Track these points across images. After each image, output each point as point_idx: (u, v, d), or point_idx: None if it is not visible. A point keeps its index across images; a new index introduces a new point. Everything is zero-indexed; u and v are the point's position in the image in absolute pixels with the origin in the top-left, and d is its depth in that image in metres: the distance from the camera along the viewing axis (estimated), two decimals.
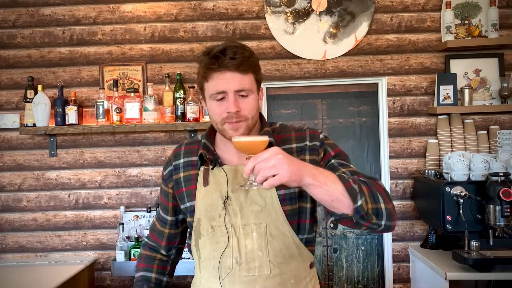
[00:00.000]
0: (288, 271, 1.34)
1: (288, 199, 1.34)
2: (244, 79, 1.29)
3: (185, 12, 3.03)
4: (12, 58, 3.06)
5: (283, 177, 1.08)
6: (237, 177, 1.35)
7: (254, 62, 1.32)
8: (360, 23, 2.98)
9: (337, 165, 1.35)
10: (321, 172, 1.17)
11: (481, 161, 2.55)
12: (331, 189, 1.14)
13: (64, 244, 3.06)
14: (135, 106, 2.86)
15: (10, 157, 3.06)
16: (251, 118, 1.32)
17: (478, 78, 2.98)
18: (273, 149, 1.11)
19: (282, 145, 1.38)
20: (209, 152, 1.40)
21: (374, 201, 1.19)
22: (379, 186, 1.26)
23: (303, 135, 1.42)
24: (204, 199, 1.36)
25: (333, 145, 1.43)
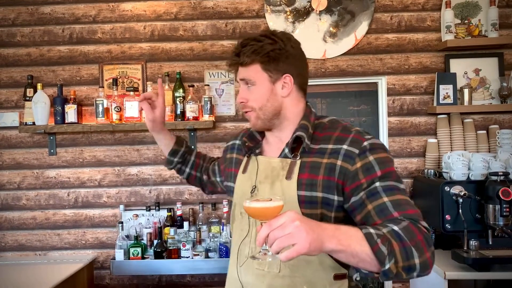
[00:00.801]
0: (302, 275, 1.28)
1: (307, 202, 1.27)
2: (247, 70, 1.33)
3: (185, 11, 3.03)
4: (11, 56, 3.05)
5: (302, 248, 0.97)
6: (267, 169, 1.35)
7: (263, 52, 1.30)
8: (360, 22, 2.97)
9: (382, 190, 1.19)
10: (344, 232, 1.06)
11: (480, 161, 2.55)
12: (355, 251, 1.04)
13: (63, 243, 3.06)
14: (134, 104, 2.86)
15: (9, 155, 3.06)
16: (258, 109, 1.33)
17: (478, 78, 2.98)
18: (289, 214, 1.00)
19: (319, 143, 1.31)
20: (252, 141, 1.44)
21: (407, 258, 1.07)
22: (418, 233, 1.11)
23: (344, 137, 1.28)
24: (240, 185, 1.41)
25: (383, 160, 1.23)
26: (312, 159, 1.29)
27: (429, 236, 1.14)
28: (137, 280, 3.02)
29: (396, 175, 1.24)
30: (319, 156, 1.29)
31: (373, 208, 1.18)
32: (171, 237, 2.78)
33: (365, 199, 1.20)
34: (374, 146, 1.25)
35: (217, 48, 3.02)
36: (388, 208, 1.17)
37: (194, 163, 1.79)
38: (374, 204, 1.19)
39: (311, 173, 1.28)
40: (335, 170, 1.25)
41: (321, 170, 1.27)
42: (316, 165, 1.28)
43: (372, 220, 1.18)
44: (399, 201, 1.18)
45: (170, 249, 2.76)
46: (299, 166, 1.29)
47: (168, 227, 2.83)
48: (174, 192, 3.04)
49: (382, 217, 1.17)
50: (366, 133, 1.30)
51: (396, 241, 1.07)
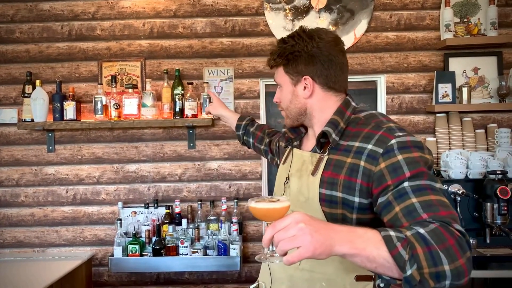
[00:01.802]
0: (321, 272, 1.26)
1: (328, 201, 1.24)
2: (276, 73, 1.41)
3: (184, 8, 3.02)
4: (10, 53, 3.05)
5: (305, 252, 0.91)
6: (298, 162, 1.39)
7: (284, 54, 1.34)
8: (359, 21, 2.97)
9: (410, 190, 1.10)
10: (359, 235, 0.98)
11: (478, 159, 2.56)
12: (372, 256, 0.96)
13: (61, 240, 3.06)
14: (133, 102, 2.86)
15: (8, 152, 3.05)
16: (286, 109, 1.40)
17: (477, 77, 2.99)
18: (295, 215, 0.95)
19: (349, 140, 1.26)
20: (295, 133, 1.47)
21: (434, 264, 0.96)
22: (450, 237, 0.99)
23: (373, 134, 1.21)
24: (279, 175, 1.48)
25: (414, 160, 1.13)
26: (338, 157, 1.26)
27: (464, 241, 1.01)
28: (136, 277, 3.02)
29: (429, 175, 1.13)
30: (344, 154, 1.25)
31: (400, 209, 1.09)
32: (169, 234, 2.78)
33: (392, 200, 1.11)
34: (404, 144, 1.15)
35: (216, 46, 3.02)
36: (416, 209, 1.07)
37: (254, 134, 1.97)
38: (401, 205, 1.09)
39: (333, 172, 1.25)
40: (357, 171, 1.20)
41: (344, 169, 1.23)
42: (340, 163, 1.24)
43: (399, 222, 1.08)
44: (430, 202, 1.07)
45: (169, 246, 2.77)
46: (325, 162, 1.28)
47: (167, 225, 2.84)
48: (172, 190, 3.04)
49: (409, 220, 1.07)
50: (399, 130, 1.20)
51: (421, 245, 0.97)
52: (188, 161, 3.03)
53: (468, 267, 0.99)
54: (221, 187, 3.03)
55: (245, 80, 3.02)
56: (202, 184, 3.04)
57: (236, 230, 2.80)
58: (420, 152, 1.15)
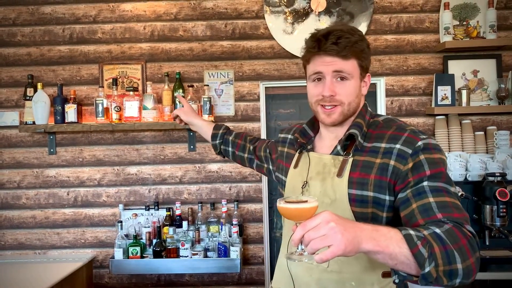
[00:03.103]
0: (350, 272, 1.27)
1: (359, 201, 1.26)
2: (345, 63, 1.28)
3: (184, 11, 3.04)
4: (12, 56, 3.07)
5: (337, 250, 0.95)
6: (318, 165, 1.35)
7: (359, 48, 1.28)
8: (359, 24, 2.99)
9: (429, 190, 1.17)
10: (383, 233, 1.03)
11: (478, 162, 2.57)
12: (394, 253, 1.02)
13: (62, 242, 3.07)
14: (134, 104, 2.87)
15: (9, 154, 3.07)
16: (347, 104, 1.31)
17: (476, 79, 3.00)
18: (324, 214, 0.99)
19: (372, 141, 1.30)
20: (305, 137, 1.44)
21: (449, 262, 1.04)
22: (462, 236, 1.08)
23: (398, 135, 1.27)
24: (291, 180, 1.44)
25: (434, 160, 1.21)
26: (365, 158, 1.28)
27: (474, 241, 1.10)
28: (136, 279, 3.03)
29: (447, 177, 1.21)
30: (372, 155, 1.28)
31: (417, 206, 1.16)
32: (170, 236, 2.79)
33: (410, 197, 1.19)
34: (428, 146, 1.22)
35: (217, 49, 3.04)
36: (432, 208, 1.14)
37: (234, 143, 1.89)
38: (418, 203, 1.17)
39: (362, 172, 1.27)
40: (387, 170, 1.24)
41: (374, 169, 1.26)
42: (369, 164, 1.27)
43: (415, 219, 1.16)
44: (446, 203, 1.15)
45: (169, 248, 2.78)
46: (351, 164, 1.29)
47: (167, 227, 2.85)
48: (173, 192, 3.05)
49: (425, 217, 1.14)
50: (421, 133, 1.26)
51: (438, 244, 1.04)
52: (189, 163, 3.05)
53: (476, 266, 1.07)
54: (222, 189, 3.04)
55: (245, 83, 3.03)
56: (203, 186, 3.05)
57: (236, 232, 2.81)
58: (440, 154, 1.23)
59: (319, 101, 1.32)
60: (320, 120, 1.36)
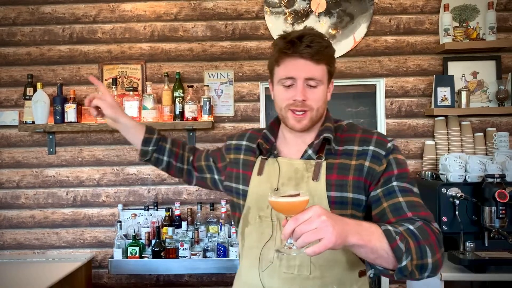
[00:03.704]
0: (331, 276, 1.27)
1: (338, 203, 1.27)
2: (316, 68, 1.27)
3: (184, 11, 3.04)
4: (12, 55, 3.07)
5: (329, 243, 0.97)
6: (290, 171, 1.32)
7: (329, 53, 1.29)
8: (358, 25, 2.99)
9: (398, 190, 1.24)
10: (365, 228, 1.08)
11: (477, 163, 2.57)
12: (375, 247, 1.06)
13: (61, 242, 3.07)
14: (134, 104, 2.87)
15: (8, 154, 3.07)
16: (316, 110, 1.30)
17: (476, 81, 3.00)
18: (315, 208, 1.01)
19: (344, 145, 1.33)
20: (268, 143, 1.39)
21: (421, 257, 1.10)
22: (432, 233, 1.15)
23: (369, 138, 1.32)
24: (256, 188, 1.36)
25: (401, 161, 1.29)
26: (339, 161, 1.30)
27: (441, 238, 1.17)
28: (135, 279, 3.03)
29: (411, 178, 1.29)
30: (346, 157, 1.30)
31: (388, 205, 1.23)
32: (169, 236, 2.79)
33: (381, 197, 1.25)
34: (395, 147, 1.31)
35: (217, 49, 3.04)
36: (402, 207, 1.21)
37: (172, 151, 1.63)
38: (389, 202, 1.23)
39: (340, 174, 1.29)
40: (363, 171, 1.28)
41: (351, 171, 1.29)
42: (345, 166, 1.29)
43: (386, 217, 1.22)
44: (413, 203, 1.23)
45: (168, 248, 2.77)
46: (326, 167, 1.30)
47: (166, 227, 2.84)
48: (172, 192, 3.05)
49: (396, 216, 1.21)
50: (386, 136, 1.34)
51: (412, 239, 1.10)
52: None
53: (442, 261, 1.15)
54: None
55: (245, 83, 3.03)
56: None
57: (235, 233, 2.81)
58: (403, 156, 1.33)
59: (289, 106, 1.30)
60: (290, 125, 1.32)
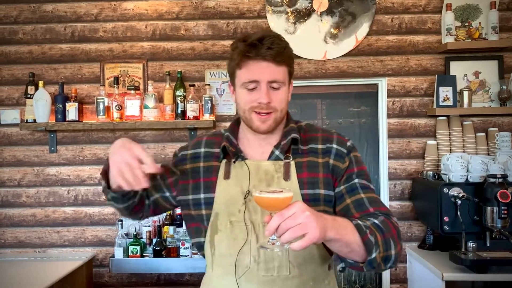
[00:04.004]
0: (307, 273, 1.29)
1: (312, 200, 1.28)
2: (279, 70, 1.28)
3: (186, 10, 3.04)
4: (13, 54, 3.06)
5: (313, 237, 0.98)
6: (259, 172, 1.31)
7: (289, 54, 1.31)
8: (361, 24, 2.98)
9: (359, 187, 1.30)
10: (339, 222, 1.10)
11: (479, 163, 2.56)
12: (349, 241, 1.10)
13: (62, 240, 3.07)
14: (135, 103, 2.87)
15: (10, 152, 3.07)
16: (280, 111, 1.31)
17: (478, 80, 2.99)
18: (299, 204, 1.02)
19: (308, 144, 1.36)
20: (232, 146, 1.36)
21: (386, 249, 1.16)
22: (392, 226, 1.22)
23: (330, 137, 1.37)
24: (224, 193, 1.32)
25: (359, 159, 1.36)
26: (307, 159, 1.33)
27: (400, 232, 1.24)
28: (136, 278, 3.03)
29: (367, 175, 1.35)
30: (313, 155, 1.34)
31: (351, 202, 1.28)
32: (170, 235, 2.79)
33: (345, 193, 1.30)
34: (353, 146, 1.38)
35: (218, 48, 3.03)
36: (365, 203, 1.27)
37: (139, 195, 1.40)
38: (352, 198, 1.29)
39: (310, 172, 1.31)
40: (329, 168, 1.33)
41: (320, 168, 1.32)
42: (314, 164, 1.33)
43: (350, 212, 1.27)
44: (373, 199, 1.29)
45: (169, 247, 2.77)
46: (295, 166, 1.31)
47: (168, 226, 2.84)
48: None
49: (359, 211, 1.26)
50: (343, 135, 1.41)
51: (379, 232, 1.16)
52: None
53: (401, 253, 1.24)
54: None
55: None
56: None
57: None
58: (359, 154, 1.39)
59: (253, 108, 1.29)
60: (255, 127, 1.31)
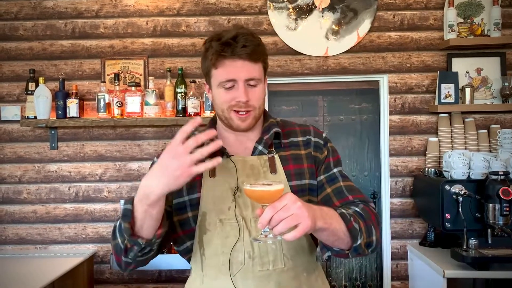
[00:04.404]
0: (300, 264, 1.31)
1: (299, 191, 1.31)
2: (254, 68, 1.28)
3: (187, 6, 3.03)
4: (14, 50, 3.06)
5: (306, 227, 1.00)
6: (246, 168, 1.31)
7: (263, 51, 1.32)
8: (362, 20, 2.97)
9: (339, 175, 1.35)
10: (325, 212, 1.13)
11: (481, 160, 2.56)
12: (336, 229, 1.13)
13: (63, 237, 3.07)
14: (136, 100, 2.86)
15: (10, 149, 3.06)
16: (258, 108, 1.31)
17: (480, 77, 2.98)
18: (290, 196, 1.03)
19: (288, 138, 1.39)
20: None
21: (369, 235, 1.21)
22: (371, 212, 1.26)
23: (307, 130, 1.42)
24: (212, 191, 1.29)
25: (335, 149, 1.42)
26: (290, 152, 1.36)
27: (378, 217, 1.29)
28: (137, 274, 3.03)
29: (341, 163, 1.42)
30: (295, 148, 1.37)
31: (332, 191, 1.32)
32: None
33: (325, 183, 1.34)
34: (328, 137, 1.44)
35: None
36: (344, 191, 1.32)
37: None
38: (332, 187, 1.33)
39: (295, 164, 1.35)
40: (312, 158, 1.37)
41: (304, 159, 1.36)
42: (297, 156, 1.36)
43: (331, 201, 1.31)
44: (351, 187, 1.34)
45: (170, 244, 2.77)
46: (279, 160, 1.34)
47: None
48: None
49: (339, 199, 1.30)
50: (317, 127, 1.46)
51: (361, 220, 1.20)
52: None
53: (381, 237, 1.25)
54: None
55: None
56: None
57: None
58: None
59: (232, 107, 1.28)
60: (235, 126, 1.31)
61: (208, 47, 1.30)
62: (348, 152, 3.10)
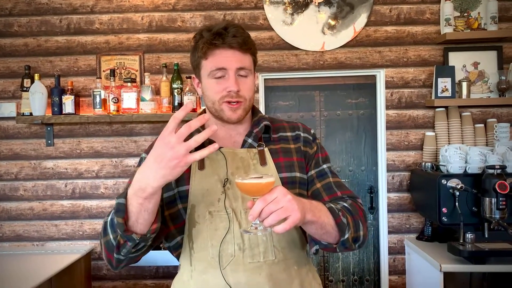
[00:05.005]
0: (291, 257, 1.31)
1: (290, 183, 1.32)
2: (245, 58, 1.29)
3: (183, 1, 3.01)
4: (8, 46, 3.04)
5: (296, 219, 1.03)
6: (236, 160, 1.31)
7: (252, 43, 1.33)
8: (359, 15, 2.96)
9: (328, 171, 1.39)
10: (315, 205, 1.15)
11: (477, 154, 2.56)
12: (324, 223, 1.16)
13: (60, 234, 3.06)
14: (132, 96, 2.85)
15: (6, 146, 3.05)
16: (248, 100, 1.31)
17: (477, 71, 2.98)
18: (280, 189, 1.05)
19: (277, 132, 1.40)
20: None
21: (356, 230, 1.24)
22: (359, 208, 1.30)
23: (296, 125, 1.44)
24: (200, 184, 1.28)
25: (322, 146, 1.46)
26: (279, 146, 1.38)
27: (365, 212, 1.34)
28: (135, 271, 3.03)
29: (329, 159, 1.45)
30: (284, 142, 1.39)
31: (321, 186, 1.35)
32: None
33: (315, 178, 1.37)
34: (315, 134, 1.46)
35: None
36: (332, 187, 1.35)
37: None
38: (322, 183, 1.36)
39: (285, 157, 1.36)
40: (301, 153, 1.39)
41: (293, 153, 1.38)
42: (287, 149, 1.38)
43: (320, 196, 1.33)
44: (339, 183, 1.38)
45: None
46: (269, 152, 1.35)
47: None
48: None
49: (328, 194, 1.33)
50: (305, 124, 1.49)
51: (349, 214, 1.24)
52: None
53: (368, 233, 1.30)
54: None
55: None
56: None
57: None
58: None
59: (224, 98, 1.27)
60: (226, 117, 1.29)
61: (199, 38, 1.31)
62: (345, 147, 3.10)
